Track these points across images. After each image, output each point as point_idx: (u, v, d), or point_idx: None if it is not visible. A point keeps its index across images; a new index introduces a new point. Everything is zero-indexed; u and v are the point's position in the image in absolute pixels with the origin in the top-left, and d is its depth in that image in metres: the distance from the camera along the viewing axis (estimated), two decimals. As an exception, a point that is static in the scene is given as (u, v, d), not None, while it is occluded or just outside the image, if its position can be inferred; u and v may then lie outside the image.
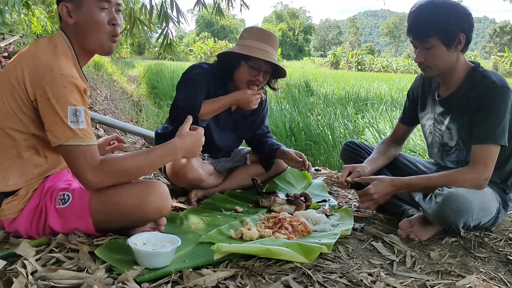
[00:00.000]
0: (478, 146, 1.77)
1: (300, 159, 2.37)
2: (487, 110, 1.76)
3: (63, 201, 1.50)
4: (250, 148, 2.58)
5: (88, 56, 1.59)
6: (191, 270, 1.35)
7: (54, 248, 1.43)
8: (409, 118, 2.19)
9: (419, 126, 2.22)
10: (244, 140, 2.60)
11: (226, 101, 2.16)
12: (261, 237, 1.68)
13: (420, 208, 1.88)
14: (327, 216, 2.00)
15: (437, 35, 1.75)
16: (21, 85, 1.40)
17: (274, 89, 2.40)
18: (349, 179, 1.99)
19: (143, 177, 2.61)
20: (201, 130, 1.63)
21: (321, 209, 2.10)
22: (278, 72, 2.28)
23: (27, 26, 6.42)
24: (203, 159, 2.26)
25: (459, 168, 1.85)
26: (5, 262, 1.30)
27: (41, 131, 1.47)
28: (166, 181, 2.39)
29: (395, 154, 2.22)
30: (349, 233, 1.82)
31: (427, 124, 2.07)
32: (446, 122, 1.94)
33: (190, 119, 1.63)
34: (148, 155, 1.53)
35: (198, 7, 4.07)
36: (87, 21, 1.47)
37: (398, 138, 2.25)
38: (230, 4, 4.10)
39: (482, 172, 1.76)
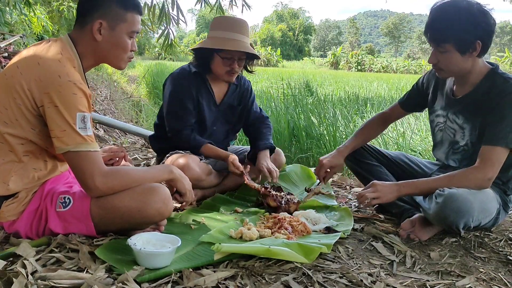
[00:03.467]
0: (488, 147, 1.76)
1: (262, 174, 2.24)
2: (503, 113, 1.75)
3: (64, 204, 1.50)
4: (249, 146, 2.58)
5: (95, 65, 1.63)
6: (191, 270, 1.36)
7: (54, 248, 1.44)
8: (412, 105, 2.19)
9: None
10: (245, 134, 2.60)
11: (220, 157, 2.22)
12: (261, 237, 1.69)
13: (421, 208, 1.88)
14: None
15: (453, 41, 1.74)
16: (26, 92, 1.40)
17: (250, 71, 2.41)
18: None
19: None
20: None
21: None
22: (253, 54, 2.29)
23: (28, 26, 6.42)
24: (201, 159, 2.26)
25: (465, 169, 1.83)
26: (5, 262, 1.30)
27: (39, 138, 1.47)
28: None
29: (378, 134, 2.36)
30: (348, 234, 1.82)
31: (437, 121, 2.04)
32: (460, 121, 1.92)
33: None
34: (149, 170, 1.62)
35: (200, 4, 4.06)
36: (115, 43, 1.54)
37: (390, 119, 2.29)
38: (232, 3, 4.09)
39: (487, 172, 1.75)
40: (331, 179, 2.77)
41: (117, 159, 1.87)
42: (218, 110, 2.35)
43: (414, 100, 2.17)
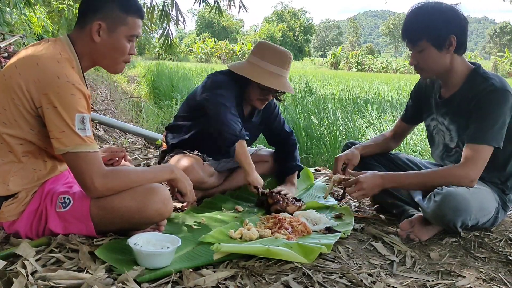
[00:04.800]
0: (470, 145, 1.77)
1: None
2: (483, 111, 1.77)
3: (63, 204, 1.50)
4: (252, 148, 2.58)
5: (92, 66, 1.62)
6: (191, 270, 1.36)
7: (54, 248, 1.43)
8: (411, 117, 2.20)
9: (420, 126, 2.22)
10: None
11: (245, 166, 2.09)
12: (260, 237, 1.69)
13: (420, 208, 1.88)
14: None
15: (427, 37, 1.78)
16: (24, 93, 1.40)
17: (279, 100, 2.43)
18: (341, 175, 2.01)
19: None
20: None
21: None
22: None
23: (28, 26, 6.43)
24: (204, 161, 2.25)
25: (449, 166, 1.86)
26: (5, 262, 1.30)
27: (38, 139, 1.46)
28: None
29: (391, 147, 2.26)
30: (348, 234, 1.82)
31: (431, 125, 2.07)
32: (446, 123, 1.95)
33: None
34: (149, 171, 1.60)
35: (199, 4, 4.07)
36: (113, 46, 1.53)
37: (397, 135, 2.28)
38: (231, 3, 4.10)
39: (470, 172, 1.75)
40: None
41: (117, 159, 1.87)
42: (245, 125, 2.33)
43: (411, 112, 2.19)
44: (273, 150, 2.57)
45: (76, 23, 1.56)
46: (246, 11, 4.20)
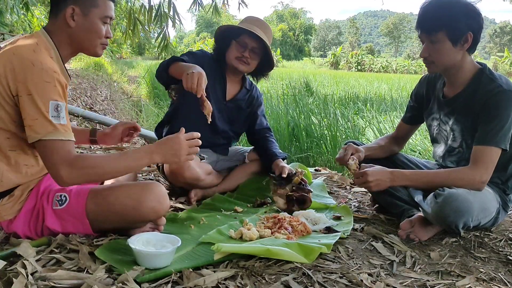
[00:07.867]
0: (479, 147, 1.77)
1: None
2: (491, 113, 1.76)
3: (60, 202, 1.50)
4: (249, 147, 2.58)
5: (73, 55, 1.61)
6: (191, 270, 1.36)
7: (54, 249, 1.44)
8: (412, 118, 2.19)
9: (420, 126, 2.21)
10: (248, 140, 2.60)
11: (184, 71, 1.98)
12: (260, 237, 1.69)
13: (420, 209, 1.88)
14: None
15: (445, 30, 1.75)
16: (2, 83, 1.38)
17: (265, 75, 2.48)
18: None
19: (142, 178, 2.62)
20: (179, 134, 1.55)
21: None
22: (266, 64, 2.39)
23: (28, 26, 6.43)
24: (202, 159, 2.26)
25: (459, 167, 1.84)
26: (5, 263, 1.30)
27: (21, 130, 1.44)
28: (166, 181, 2.39)
29: (394, 151, 2.23)
30: (348, 234, 1.82)
31: (433, 125, 2.06)
32: (450, 123, 1.94)
33: (182, 131, 1.58)
34: (123, 157, 1.50)
35: (195, 7, 4.10)
36: (89, 28, 1.52)
37: (399, 136, 2.26)
38: (225, 2, 4.14)
39: (481, 174, 1.75)
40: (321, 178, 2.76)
41: (132, 131, 1.93)
42: (224, 105, 2.35)
43: (412, 112, 2.18)
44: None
45: (49, 14, 1.56)
46: (246, 7, 4.23)
